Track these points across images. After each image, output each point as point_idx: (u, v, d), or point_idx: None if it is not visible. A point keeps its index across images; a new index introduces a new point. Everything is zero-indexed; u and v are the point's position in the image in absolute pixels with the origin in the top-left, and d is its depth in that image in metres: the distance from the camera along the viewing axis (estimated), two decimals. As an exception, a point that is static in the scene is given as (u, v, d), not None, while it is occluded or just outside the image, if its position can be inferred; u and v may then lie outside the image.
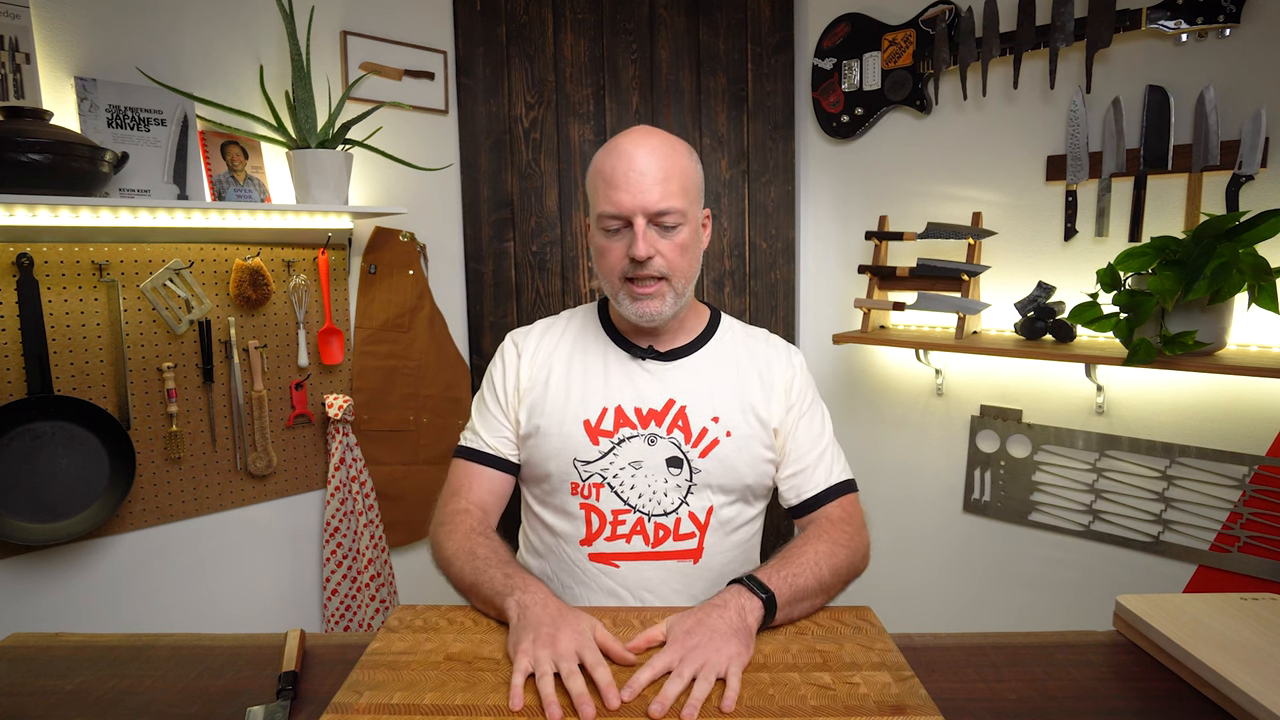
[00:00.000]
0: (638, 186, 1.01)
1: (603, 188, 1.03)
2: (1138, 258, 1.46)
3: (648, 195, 1.00)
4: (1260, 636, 0.82)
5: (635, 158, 1.02)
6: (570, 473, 1.08)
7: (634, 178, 1.01)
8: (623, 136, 1.06)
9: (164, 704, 0.79)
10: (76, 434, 1.52)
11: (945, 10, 1.87)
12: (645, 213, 1.01)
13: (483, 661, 0.82)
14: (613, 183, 1.02)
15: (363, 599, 1.94)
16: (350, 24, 1.88)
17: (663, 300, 1.05)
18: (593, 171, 1.07)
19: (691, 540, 1.08)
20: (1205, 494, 1.62)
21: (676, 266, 1.04)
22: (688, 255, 1.06)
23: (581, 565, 1.08)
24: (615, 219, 1.03)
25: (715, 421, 1.08)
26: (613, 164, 1.03)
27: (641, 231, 1.01)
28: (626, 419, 1.08)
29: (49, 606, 1.55)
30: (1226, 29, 1.51)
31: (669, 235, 1.04)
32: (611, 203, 1.02)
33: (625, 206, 1.01)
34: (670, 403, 1.09)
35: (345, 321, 1.94)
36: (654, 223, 1.02)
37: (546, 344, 1.16)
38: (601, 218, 1.04)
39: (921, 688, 0.77)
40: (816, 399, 1.17)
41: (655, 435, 1.08)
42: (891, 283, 2.02)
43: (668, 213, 1.02)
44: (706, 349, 1.14)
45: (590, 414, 1.08)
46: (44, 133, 1.32)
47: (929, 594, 2.10)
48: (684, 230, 1.04)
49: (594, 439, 1.07)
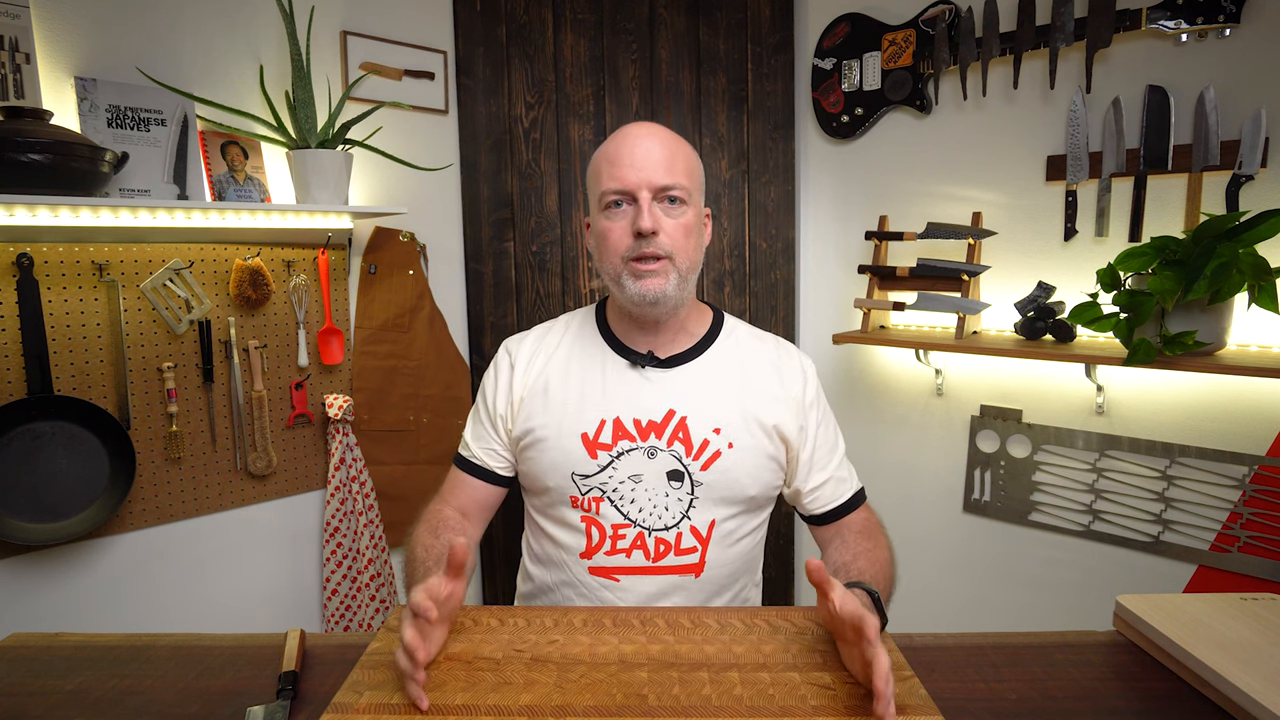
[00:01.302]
0: (644, 163, 1.00)
1: (606, 168, 1.03)
2: (1138, 258, 1.46)
3: (654, 171, 1.00)
4: (1260, 636, 0.82)
5: (640, 139, 1.01)
6: (569, 486, 1.06)
7: (640, 155, 1.00)
8: (627, 125, 1.06)
9: (164, 704, 0.79)
10: (76, 434, 1.52)
11: (945, 10, 1.87)
12: (651, 187, 1.00)
13: (483, 661, 0.82)
14: (617, 161, 1.01)
15: (363, 599, 1.94)
16: (350, 24, 1.89)
17: (665, 278, 1.02)
18: (595, 159, 1.06)
19: (693, 555, 1.06)
20: (1205, 494, 1.62)
21: (680, 247, 1.03)
22: (692, 239, 1.04)
23: (582, 578, 1.07)
24: (620, 194, 1.01)
25: (717, 433, 1.06)
26: (617, 146, 1.02)
27: (647, 205, 1.00)
28: (625, 431, 1.06)
29: (49, 606, 1.54)
30: (1226, 29, 1.51)
31: (674, 215, 1.02)
32: (616, 179, 1.01)
33: (630, 181, 1.00)
34: (670, 413, 1.06)
35: (345, 321, 1.94)
36: (659, 199, 1.01)
37: (543, 351, 1.14)
38: (605, 195, 1.02)
39: (921, 688, 0.77)
40: (828, 408, 1.17)
41: (655, 448, 1.05)
42: (891, 283, 2.02)
43: (673, 188, 1.01)
44: (708, 354, 1.12)
45: (588, 427, 1.06)
46: (44, 133, 1.32)
47: (929, 594, 2.10)
48: (689, 212, 1.03)
49: (592, 452, 1.05)
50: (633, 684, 0.78)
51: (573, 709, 0.73)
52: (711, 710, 0.73)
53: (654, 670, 0.81)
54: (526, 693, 0.76)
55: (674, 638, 0.88)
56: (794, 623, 0.92)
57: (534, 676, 0.79)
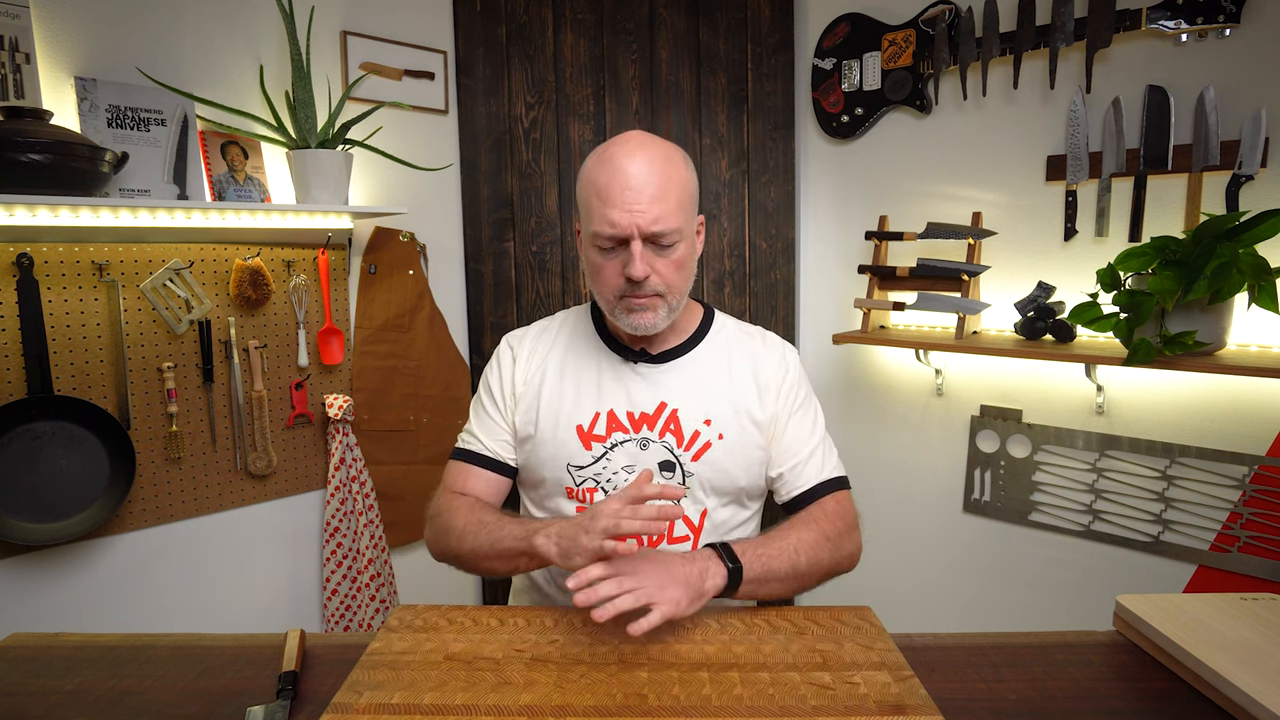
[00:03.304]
0: (634, 204, 0.97)
1: (596, 204, 1.00)
2: (1138, 258, 1.46)
3: (643, 215, 0.97)
4: (1260, 636, 0.82)
5: (630, 173, 0.98)
6: (564, 477, 1.08)
7: (630, 196, 0.97)
8: (615, 145, 1.01)
9: (164, 704, 0.79)
10: (76, 434, 1.52)
11: (945, 10, 1.87)
12: (641, 233, 0.98)
13: (483, 661, 0.82)
14: (607, 199, 0.98)
15: (363, 599, 1.94)
16: (350, 24, 1.88)
17: (656, 313, 1.04)
18: (584, 182, 1.03)
19: (686, 544, 1.08)
20: (1205, 494, 1.62)
21: (672, 284, 1.03)
22: (684, 271, 1.05)
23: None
24: (610, 239, 1.00)
25: (707, 424, 1.08)
26: (607, 178, 0.99)
27: (639, 253, 0.98)
28: (619, 423, 1.08)
29: (49, 606, 1.54)
30: (1226, 29, 1.51)
31: (665, 254, 1.01)
32: (607, 222, 0.98)
33: (621, 226, 0.98)
34: (662, 405, 1.08)
35: (345, 321, 1.94)
36: (650, 242, 1.00)
37: (541, 347, 1.16)
38: (596, 236, 1.01)
39: (921, 688, 0.77)
40: (810, 396, 1.17)
41: (647, 439, 1.08)
42: (891, 283, 2.02)
43: (664, 234, 0.99)
44: (699, 349, 1.14)
45: (583, 419, 1.09)
46: (44, 133, 1.32)
47: (929, 594, 2.10)
48: (680, 248, 1.02)
49: (586, 444, 1.08)
50: (633, 684, 0.78)
51: (573, 709, 0.74)
52: (711, 710, 0.73)
53: (654, 670, 0.81)
54: (526, 693, 0.76)
55: (674, 638, 0.88)
56: (794, 623, 0.92)
57: (534, 676, 0.79)
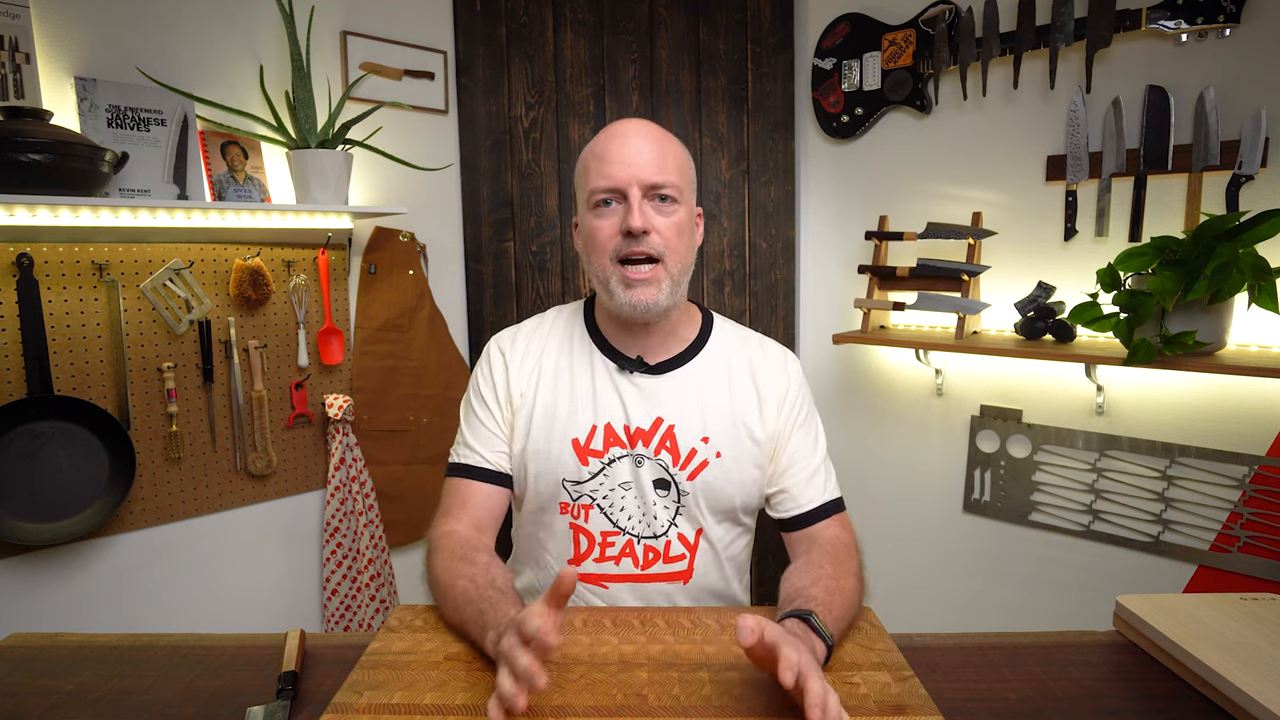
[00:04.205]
0: (634, 160, 0.97)
1: (595, 164, 1.00)
2: (1138, 258, 1.46)
3: (644, 168, 0.97)
4: (1260, 636, 0.82)
5: (630, 136, 0.99)
6: (559, 493, 1.04)
7: (629, 153, 0.98)
8: (615, 122, 1.03)
9: (164, 704, 0.79)
10: (76, 434, 1.52)
11: (945, 10, 1.87)
12: (641, 184, 0.97)
13: (483, 661, 0.82)
14: (606, 158, 0.98)
15: (363, 599, 1.94)
16: (350, 24, 1.89)
17: (658, 287, 0.99)
18: (584, 157, 1.04)
19: (681, 562, 1.05)
20: (1205, 494, 1.62)
21: (672, 247, 1.00)
22: (684, 239, 1.02)
23: None
24: (609, 192, 0.98)
25: (705, 442, 1.04)
26: (606, 143, 1.00)
27: (637, 202, 0.97)
28: (616, 438, 1.04)
29: (49, 606, 1.54)
30: (1226, 29, 1.51)
31: (665, 213, 0.99)
32: (605, 176, 0.98)
33: (620, 178, 0.97)
34: (658, 421, 1.04)
35: (345, 321, 1.94)
36: (649, 197, 0.99)
37: (534, 349, 1.10)
38: (594, 193, 1.00)
39: (921, 688, 0.77)
40: (812, 410, 1.12)
41: (642, 456, 1.03)
42: (891, 283, 2.02)
43: (664, 185, 0.98)
44: (697, 360, 1.08)
45: (579, 432, 1.04)
46: (44, 133, 1.32)
47: (929, 594, 2.10)
48: (680, 211, 1.01)
49: (583, 459, 1.03)
50: (633, 684, 0.78)
51: (573, 709, 0.73)
52: (711, 710, 0.73)
53: (654, 670, 0.81)
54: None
55: (674, 638, 0.88)
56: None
57: (534, 676, 0.79)
